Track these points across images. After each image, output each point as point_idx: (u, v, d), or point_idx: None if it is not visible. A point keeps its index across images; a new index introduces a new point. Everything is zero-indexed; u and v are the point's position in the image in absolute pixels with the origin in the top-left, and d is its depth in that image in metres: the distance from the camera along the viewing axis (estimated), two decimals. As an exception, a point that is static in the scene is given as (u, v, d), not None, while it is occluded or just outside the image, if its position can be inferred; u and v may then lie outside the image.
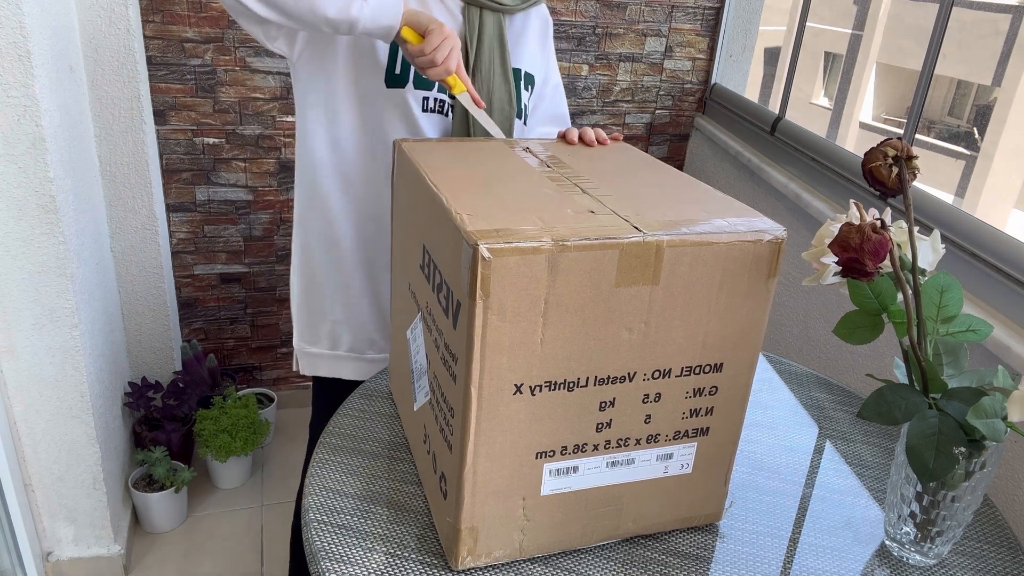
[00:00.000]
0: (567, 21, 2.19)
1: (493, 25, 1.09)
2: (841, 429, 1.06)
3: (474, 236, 0.62)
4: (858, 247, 0.68)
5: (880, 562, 0.82)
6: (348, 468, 0.88)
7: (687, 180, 0.86)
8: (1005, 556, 0.85)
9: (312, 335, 1.24)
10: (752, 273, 0.71)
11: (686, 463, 0.79)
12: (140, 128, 1.85)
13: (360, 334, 1.23)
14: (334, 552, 0.76)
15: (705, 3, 2.27)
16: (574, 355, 0.68)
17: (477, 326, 0.63)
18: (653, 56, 2.30)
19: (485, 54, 1.10)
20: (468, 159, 0.85)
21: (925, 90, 1.56)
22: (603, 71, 2.28)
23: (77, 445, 1.62)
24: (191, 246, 2.15)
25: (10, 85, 1.33)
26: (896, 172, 0.72)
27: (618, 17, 2.22)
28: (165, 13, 1.88)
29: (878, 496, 0.92)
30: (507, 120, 1.13)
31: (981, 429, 0.68)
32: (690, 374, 0.74)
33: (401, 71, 1.07)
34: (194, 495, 2.07)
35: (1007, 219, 10.46)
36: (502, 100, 1.12)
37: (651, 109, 2.38)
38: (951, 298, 0.77)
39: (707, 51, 2.34)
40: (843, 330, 0.80)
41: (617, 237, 0.65)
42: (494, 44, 1.10)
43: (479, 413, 0.67)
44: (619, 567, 0.77)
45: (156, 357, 2.11)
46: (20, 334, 1.49)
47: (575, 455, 0.73)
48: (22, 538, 1.60)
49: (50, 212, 1.43)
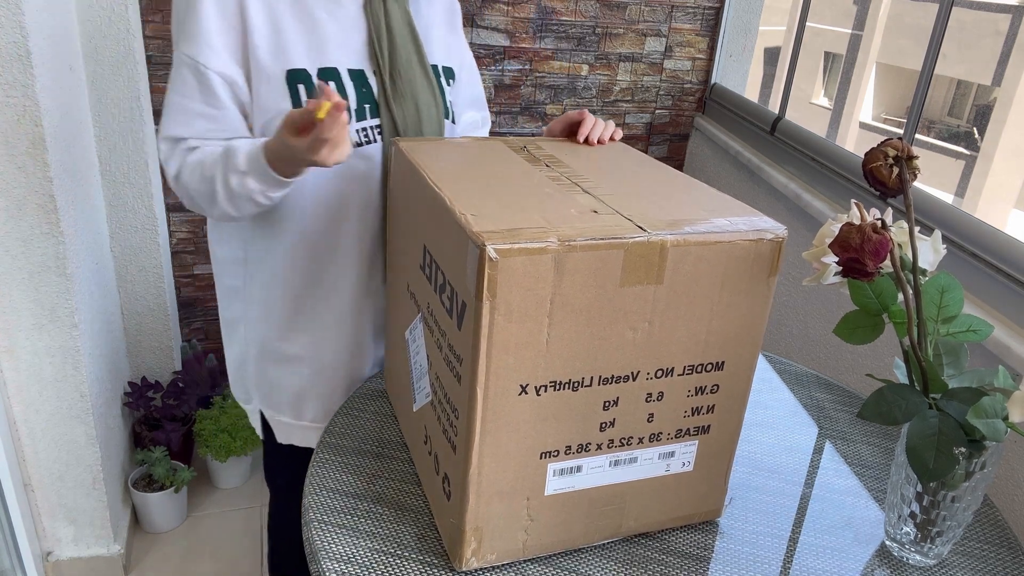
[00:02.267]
0: (567, 21, 2.19)
1: (400, 16, 1.00)
2: (841, 429, 1.06)
3: (481, 237, 0.62)
4: (859, 247, 0.68)
5: (880, 562, 0.82)
6: (348, 468, 0.88)
7: (686, 179, 0.86)
8: (1005, 556, 0.85)
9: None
10: (753, 272, 0.71)
11: (687, 461, 0.79)
12: (140, 128, 1.85)
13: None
14: (334, 552, 0.76)
15: (705, 3, 2.27)
16: (579, 355, 0.68)
17: (484, 327, 0.64)
18: (653, 56, 2.30)
19: (400, 51, 1.00)
20: (467, 159, 0.86)
21: (925, 90, 1.56)
22: (603, 71, 2.28)
23: (77, 445, 1.62)
24: (191, 246, 2.14)
25: (10, 85, 1.33)
26: (897, 172, 0.72)
27: (618, 17, 2.22)
28: (165, 13, 1.88)
29: (878, 496, 0.92)
30: (436, 123, 1.05)
31: (981, 429, 0.68)
32: (692, 372, 0.74)
33: None
34: (194, 495, 2.07)
35: (1007, 219, 10.47)
36: (428, 103, 1.03)
37: (651, 109, 2.38)
38: (951, 298, 0.78)
39: (707, 51, 2.34)
40: (843, 330, 0.81)
41: (622, 237, 0.65)
42: (406, 38, 1.01)
43: (484, 414, 0.67)
44: (619, 567, 0.77)
45: (156, 357, 2.11)
46: (20, 334, 1.49)
47: (579, 455, 0.73)
48: (22, 538, 1.60)
49: (50, 212, 1.42)
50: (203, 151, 0.95)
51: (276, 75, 0.94)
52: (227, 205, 0.93)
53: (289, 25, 0.94)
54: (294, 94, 0.95)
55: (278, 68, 0.94)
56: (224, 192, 0.92)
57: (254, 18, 0.93)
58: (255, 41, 0.93)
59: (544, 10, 2.15)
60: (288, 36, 0.94)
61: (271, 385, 1.14)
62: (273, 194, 0.92)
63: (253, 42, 0.93)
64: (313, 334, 1.09)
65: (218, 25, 0.92)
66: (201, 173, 0.93)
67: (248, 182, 0.89)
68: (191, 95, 0.94)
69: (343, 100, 0.79)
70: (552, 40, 2.20)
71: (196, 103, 0.94)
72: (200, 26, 0.91)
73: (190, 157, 0.95)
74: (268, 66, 0.94)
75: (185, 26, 0.93)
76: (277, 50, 0.94)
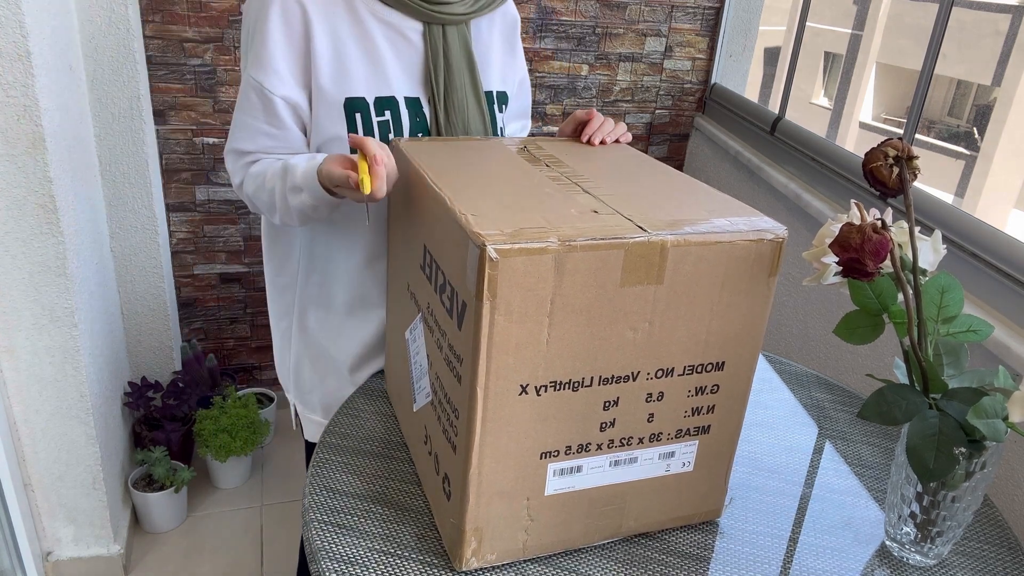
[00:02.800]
0: (567, 21, 2.19)
1: (459, 43, 1.01)
2: (841, 429, 1.06)
3: (481, 237, 0.62)
4: (859, 247, 0.68)
5: (880, 562, 0.82)
6: (348, 468, 0.88)
7: (685, 179, 0.86)
8: (1005, 556, 0.85)
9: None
10: (754, 272, 0.71)
11: (687, 461, 0.79)
12: (140, 128, 1.85)
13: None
14: (334, 552, 0.76)
15: (705, 3, 2.27)
16: (579, 355, 0.68)
17: (484, 327, 0.64)
18: (653, 56, 2.30)
19: (455, 80, 1.01)
20: (467, 158, 0.86)
21: (925, 90, 1.56)
22: (603, 71, 2.28)
23: (77, 445, 1.62)
24: (191, 246, 2.15)
25: (10, 85, 1.33)
26: (897, 172, 0.72)
27: (618, 17, 2.22)
28: (165, 13, 1.88)
29: (878, 496, 0.92)
30: None
31: (981, 429, 0.68)
32: (692, 373, 0.74)
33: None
34: (194, 495, 2.07)
35: (1007, 219, 10.47)
36: (478, 132, 1.05)
37: (651, 109, 2.38)
38: (952, 298, 0.78)
39: (707, 51, 2.34)
40: (843, 330, 0.81)
41: (622, 237, 0.65)
42: (462, 66, 1.02)
43: (485, 414, 0.67)
44: (619, 567, 0.77)
45: (156, 357, 2.11)
46: (20, 334, 1.49)
47: (579, 455, 0.73)
48: (22, 538, 1.60)
49: (49, 212, 1.43)
50: (264, 163, 0.99)
51: (335, 101, 0.96)
52: (285, 216, 0.97)
53: (351, 53, 0.96)
54: (350, 120, 0.98)
55: (338, 95, 0.96)
56: (281, 204, 0.95)
57: (319, 45, 0.95)
58: (319, 66, 0.95)
59: (544, 10, 2.15)
60: (350, 64, 0.96)
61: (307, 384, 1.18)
62: (325, 211, 0.95)
63: (317, 67, 0.95)
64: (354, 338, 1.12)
65: (284, 51, 0.95)
66: (262, 184, 0.97)
67: (303, 198, 0.92)
68: (256, 115, 0.98)
69: (379, 154, 0.81)
70: (552, 40, 2.20)
71: (260, 123, 0.98)
72: (268, 51, 0.94)
73: (252, 168, 1.00)
74: (329, 92, 0.96)
75: (253, 49, 0.96)
76: (338, 77, 0.96)
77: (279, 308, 1.18)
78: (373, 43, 0.98)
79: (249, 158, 1.01)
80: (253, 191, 1.00)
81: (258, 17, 0.95)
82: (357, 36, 0.97)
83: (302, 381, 1.18)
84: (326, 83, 0.96)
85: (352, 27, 0.97)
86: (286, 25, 0.94)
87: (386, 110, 0.98)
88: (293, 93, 0.96)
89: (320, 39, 0.95)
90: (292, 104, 0.97)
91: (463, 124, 1.03)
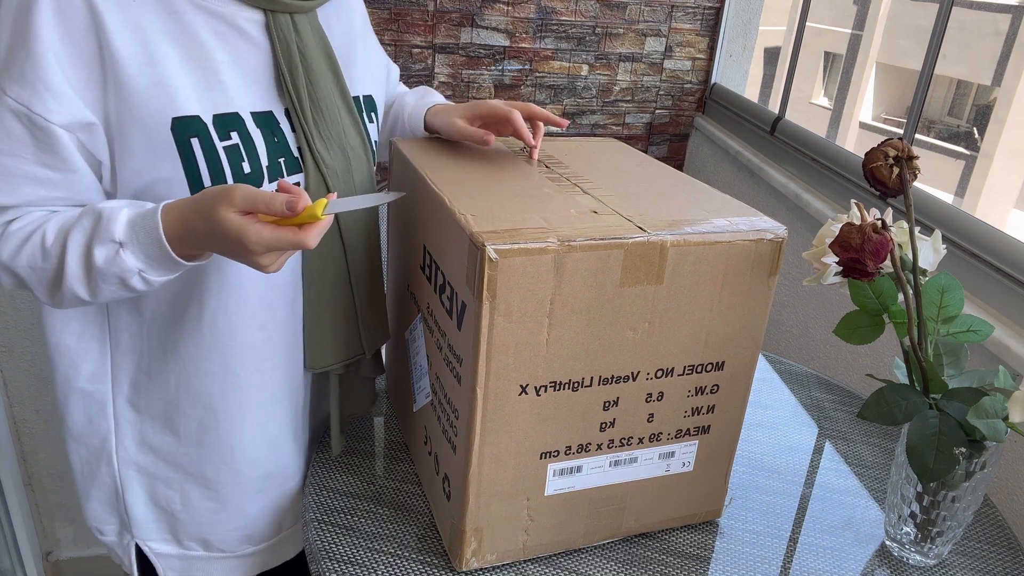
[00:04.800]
0: (567, 21, 2.19)
1: (315, 38, 0.78)
2: (841, 429, 1.06)
3: (481, 237, 0.62)
4: (859, 247, 0.68)
5: (880, 562, 0.82)
6: (348, 468, 0.89)
7: (685, 179, 0.86)
8: (1005, 556, 0.85)
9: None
10: (754, 272, 0.71)
11: (687, 461, 0.79)
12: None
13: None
14: (334, 552, 0.76)
15: (705, 3, 2.27)
16: (579, 355, 0.68)
17: (483, 327, 0.64)
18: (653, 56, 2.30)
19: (321, 85, 0.78)
20: (466, 159, 0.86)
21: (925, 90, 1.56)
22: (603, 71, 2.28)
23: (77, 445, 1.62)
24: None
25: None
26: (897, 172, 0.72)
27: (618, 17, 2.22)
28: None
29: (878, 496, 0.92)
30: (366, 173, 0.85)
31: (981, 429, 0.68)
32: (692, 373, 0.74)
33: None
34: (194, 495, 2.06)
35: (1007, 219, 10.47)
36: (356, 148, 0.83)
37: (651, 109, 2.38)
38: (952, 298, 0.78)
39: (707, 51, 2.34)
40: (843, 330, 0.81)
41: (622, 237, 0.65)
42: (322, 64, 0.79)
43: (485, 414, 0.67)
44: (619, 567, 0.77)
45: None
46: (20, 334, 1.49)
47: (579, 455, 0.73)
48: (22, 538, 1.60)
49: (51, 212, 1.42)
50: (37, 217, 0.71)
51: (157, 124, 0.69)
52: (79, 286, 0.69)
53: (167, 55, 0.69)
54: (183, 148, 0.71)
55: (160, 115, 0.69)
56: (79, 269, 0.68)
57: (117, 44, 0.67)
58: (121, 75, 0.67)
59: (544, 10, 2.15)
60: (168, 70, 0.69)
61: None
62: (155, 278, 0.69)
63: (118, 76, 0.67)
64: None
65: (61, 56, 0.65)
66: (40, 246, 0.69)
67: (124, 258, 0.67)
68: (19, 153, 0.67)
69: (331, 194, 0.65)
70: (552, 40, 2.20)
71: (27, 164, 0.68)
72: (34, 59, 0.64)
73: (14, 226, 0.70)
74: (144, 111, 0.69)
75: (10, 58, 0.65)
76: (154, 90, 0.69)
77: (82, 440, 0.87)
78: (197, 41, 0.71)
79: (7, 215, 0.71)
80: (18, 258, 0.70)
81: (19, 9, 0.65)
82: (173, 33, 0.70)
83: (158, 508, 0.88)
84: (137, 98, 0.68)
85: (165, 21, 0.69)
86: (61, 16, 0.65)
87: (232, 131, 0.73)
88: (80, 116, 0.67)
89: (118, 37, 0.67)
90: (80, 133, 0.68)
91: (339, 142, 0.80)
